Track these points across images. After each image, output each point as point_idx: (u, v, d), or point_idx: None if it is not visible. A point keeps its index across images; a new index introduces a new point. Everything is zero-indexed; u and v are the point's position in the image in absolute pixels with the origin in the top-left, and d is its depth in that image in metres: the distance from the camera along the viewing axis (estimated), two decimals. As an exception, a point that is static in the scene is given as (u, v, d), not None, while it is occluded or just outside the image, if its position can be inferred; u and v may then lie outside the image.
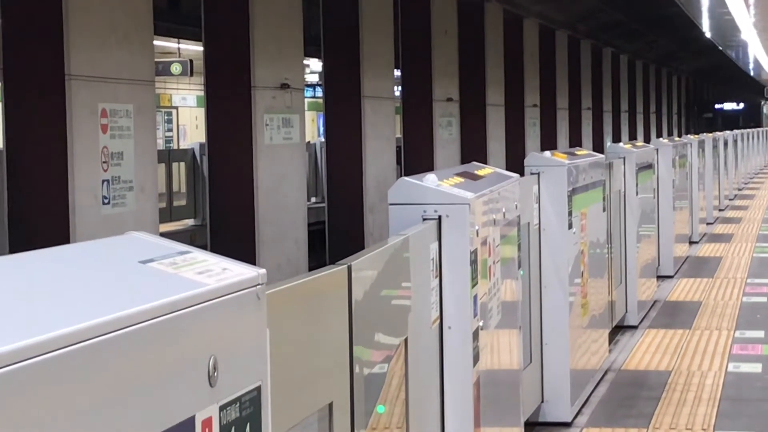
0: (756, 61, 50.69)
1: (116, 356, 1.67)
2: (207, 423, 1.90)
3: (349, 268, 2.99)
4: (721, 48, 39.04)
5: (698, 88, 66.00)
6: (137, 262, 1.97)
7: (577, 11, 30.59)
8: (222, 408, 1.96)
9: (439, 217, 4.11)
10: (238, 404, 2.01)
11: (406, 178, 4.20)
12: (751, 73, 59.23)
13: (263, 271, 2.13)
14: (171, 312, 1.81)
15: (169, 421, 1.79)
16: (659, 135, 45.29)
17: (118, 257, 2.01)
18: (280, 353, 2.39)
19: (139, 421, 1.72)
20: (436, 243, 4.08)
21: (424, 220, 4.08)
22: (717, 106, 66.47)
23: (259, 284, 2.11)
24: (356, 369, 2.99)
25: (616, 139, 37.47)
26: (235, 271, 2.09)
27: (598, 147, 33.23)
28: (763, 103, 71.17)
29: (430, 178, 4.18)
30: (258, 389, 2.10)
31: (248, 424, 2.05)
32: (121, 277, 1.91)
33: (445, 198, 4.14)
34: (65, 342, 1.55)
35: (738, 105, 66.81)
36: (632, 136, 41.92)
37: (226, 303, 1.99)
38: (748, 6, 29.12)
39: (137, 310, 1.72)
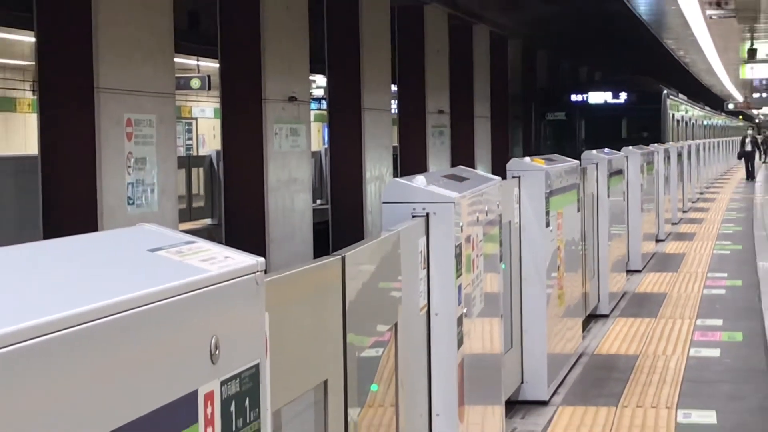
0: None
1: (125, 334, 1.65)
2: (209, 396, 1.88)
3: (343, 259, 2.97)
4: None
5: (544, 64, 33.18)
6: (146, 250, 1.95)
7: (555, 32, 30.57)
8: (223, 383, 1.94)
9: (427, 215, 4.09)
10: (238, 380, 1.99)
11: (398, 179, 4.19)
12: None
13: (262, 259, 2.11)
14: (176, 295, 1.79)
15: (174, 394, 1.77)
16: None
17: (129, 246, 1.99)
18: (279, 335, 2.37)
19: (147, 393, 1.70)
20: (425, 237, 4.06)
21: (414, 216, 4.06)
22: (574, 98, 30.50)
23: (258, 271, 2.09)
24: (349, 350, 2.96)
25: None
26: (237, 259, 2.07)
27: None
28: (665, 93, 30.30)
29: (419, 180, 4.16)
30: (257, 366, 2.07)
31: (247, 398, 2.03)
32: (131, 263, 1.89)
33: (432, 197, 4.11)
34: (78, 320, 1.53)
35: (617, 98, 30.29)
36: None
37: (228, 288, 1.96)
38: None
39: (145, 293, 1.70)
